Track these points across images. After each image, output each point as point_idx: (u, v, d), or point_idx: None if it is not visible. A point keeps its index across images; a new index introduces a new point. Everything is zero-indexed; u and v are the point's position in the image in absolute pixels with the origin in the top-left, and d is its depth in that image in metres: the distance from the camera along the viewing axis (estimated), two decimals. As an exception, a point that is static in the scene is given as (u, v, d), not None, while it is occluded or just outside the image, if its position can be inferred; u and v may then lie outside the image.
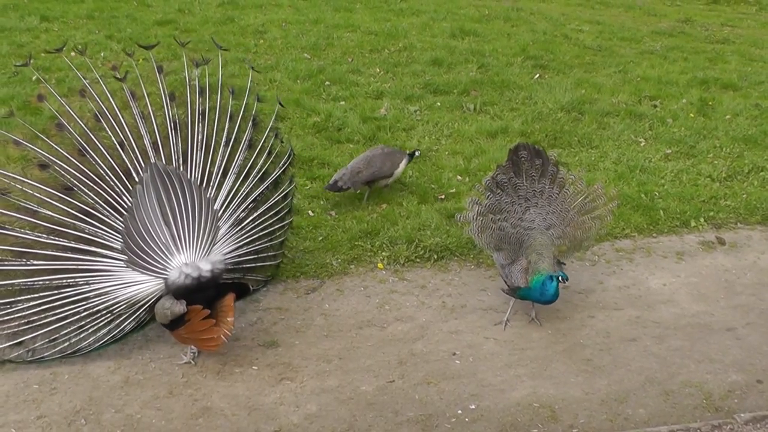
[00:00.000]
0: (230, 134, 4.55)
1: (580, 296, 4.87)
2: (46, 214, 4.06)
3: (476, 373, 4.16)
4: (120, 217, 4.08)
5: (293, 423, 3.79)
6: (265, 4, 10.73)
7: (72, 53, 7.27)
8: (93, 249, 4.01)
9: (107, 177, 4.20)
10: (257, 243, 4.42)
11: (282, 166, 4.75)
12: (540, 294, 4.31)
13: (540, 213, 4.55)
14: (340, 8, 10.85)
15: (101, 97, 4.42)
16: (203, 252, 4.01)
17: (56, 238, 4.02)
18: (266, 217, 4.52)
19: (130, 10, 10.03)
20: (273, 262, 4.76)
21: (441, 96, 7.85)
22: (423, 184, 6.08)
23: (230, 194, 4.36)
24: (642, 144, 7.00)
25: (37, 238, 4.00)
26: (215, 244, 4.10)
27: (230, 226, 4.27)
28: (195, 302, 3.85)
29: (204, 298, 3.93)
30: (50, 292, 3.94)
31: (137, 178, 4.21)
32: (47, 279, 3.94)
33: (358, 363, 4.21)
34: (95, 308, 3.95)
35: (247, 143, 4.59)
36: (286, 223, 4.81)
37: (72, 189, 4.14)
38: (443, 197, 5.92)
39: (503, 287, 4.55)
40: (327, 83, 7.95)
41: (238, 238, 4.29)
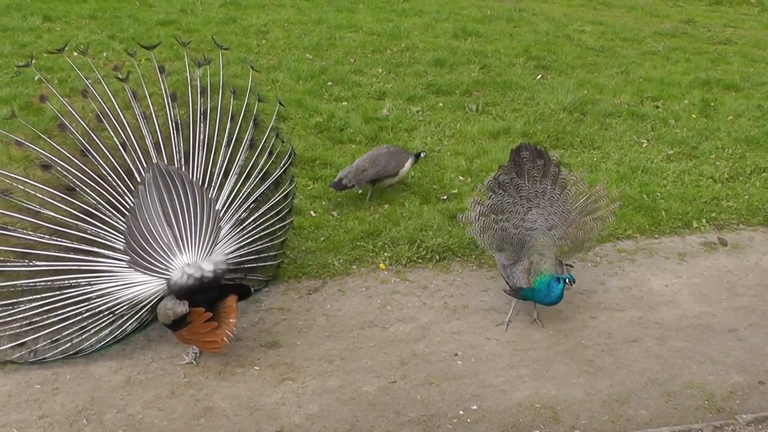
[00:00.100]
0: (232, 134, 4.55)
1: (582, 297, 4.87)
2: (48, 215, 4.06)
3: (478, 374, 4.16)
4: (122, 218, 4.09)
5: (295, 423, 3.79)
6: (268, 5, 10.72)
7: (74, 53, 7.26)
8: (95, 250, 4.01)
9: (109, 177, 4.20)
10: (258, 243, 4.43)
11: (283, 166, 4.76)
12: (545, 295, 4.30)
13: (542, 214, 4.55)
14: (343, 8, 10.84)
15: (103, 98, 4.43)
16: (205, 252, 4.01)
17: (58, 239, 4.03)
18: (267, 217, 4.52)
19: (133, 11, 10.03)
20: (274, 262, 4.77)
21: (443, 96, 7.85)
22: (425, 185, 6.08)
23: (232, 194, 4.36)
24: (644, 145, 7.00)
25: (40, 239, 4.00)
26: (217, 245, 4.11)
27: (232, 227, 4.27)
28: (197, 303, 3.86)
29: (206, 299, 3.93)
30: (52, 293, 3.94)
31: (139, 179, 4.22)
32: (49, 280, 3.95)
33: (360, 363, 4.21)
34: (97, 309, 3.95)
35: (249, 143, 4.60)
36: (287, 223, 4.82)
37: (74, 189, 4.14)
38: (445, 198, 5.92)
39: (505, 288, 4.55)
40: (329, 83, 7.95)
41: (240, 239, 4.29)
